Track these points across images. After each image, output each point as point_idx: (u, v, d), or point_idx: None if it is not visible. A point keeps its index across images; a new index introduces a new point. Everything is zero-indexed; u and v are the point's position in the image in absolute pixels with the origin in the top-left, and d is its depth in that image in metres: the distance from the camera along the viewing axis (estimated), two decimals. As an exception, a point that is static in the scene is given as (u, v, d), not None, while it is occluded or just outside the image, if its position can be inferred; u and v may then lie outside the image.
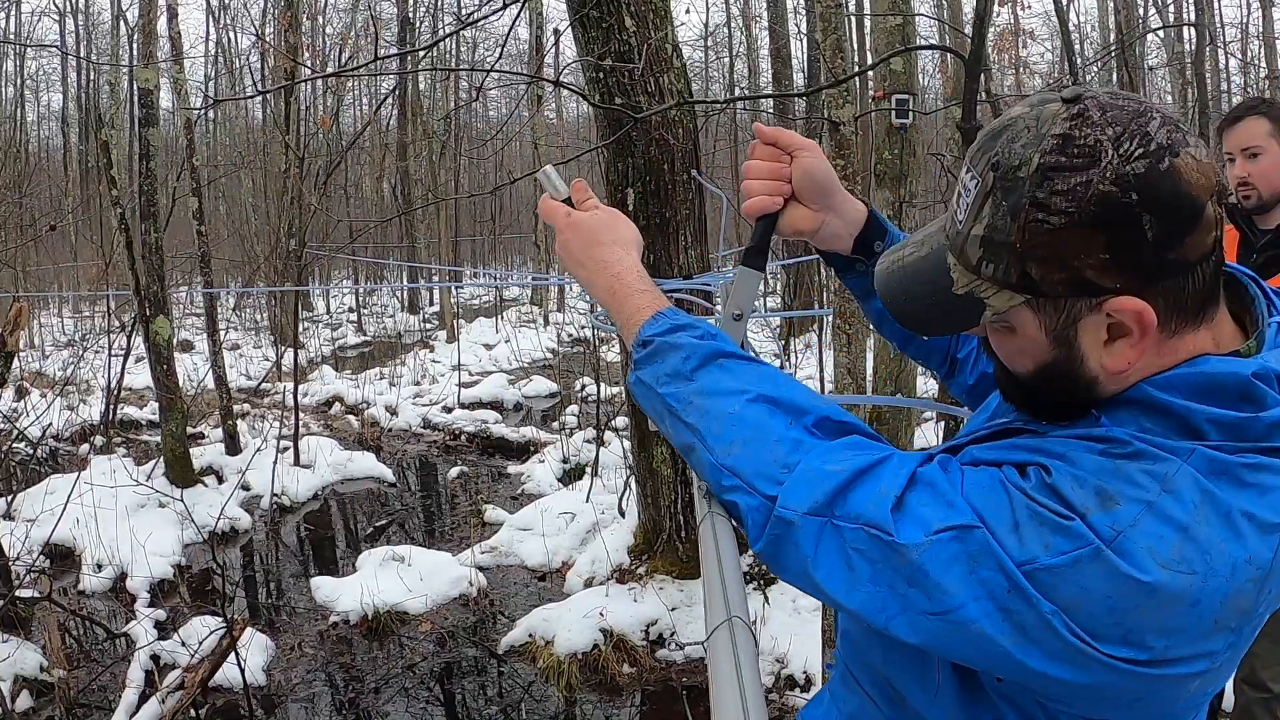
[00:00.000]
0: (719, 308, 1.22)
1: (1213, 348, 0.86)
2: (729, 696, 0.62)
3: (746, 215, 1.15)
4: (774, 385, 0.96)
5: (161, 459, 8.16)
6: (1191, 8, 13.04)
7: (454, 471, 8.97)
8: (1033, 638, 0.76)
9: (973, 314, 0.88)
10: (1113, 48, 12.97)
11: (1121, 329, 0.83)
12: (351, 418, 11.44)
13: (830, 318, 6.06)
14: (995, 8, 10.26)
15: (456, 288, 21.61)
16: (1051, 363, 0.88)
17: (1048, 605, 0.76)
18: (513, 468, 8.95)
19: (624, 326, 1.09)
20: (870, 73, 6.41)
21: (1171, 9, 15.17)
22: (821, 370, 9.40)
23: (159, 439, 8.54)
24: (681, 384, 0.99)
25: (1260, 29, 18.10)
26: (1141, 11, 13.96)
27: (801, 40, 16.77)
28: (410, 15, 21.50)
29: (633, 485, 6.16)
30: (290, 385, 9.92)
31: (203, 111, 16.90)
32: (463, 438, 10.33)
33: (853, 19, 15.59)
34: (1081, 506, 0.77)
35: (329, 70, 14.62)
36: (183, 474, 7.97)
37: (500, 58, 4.57)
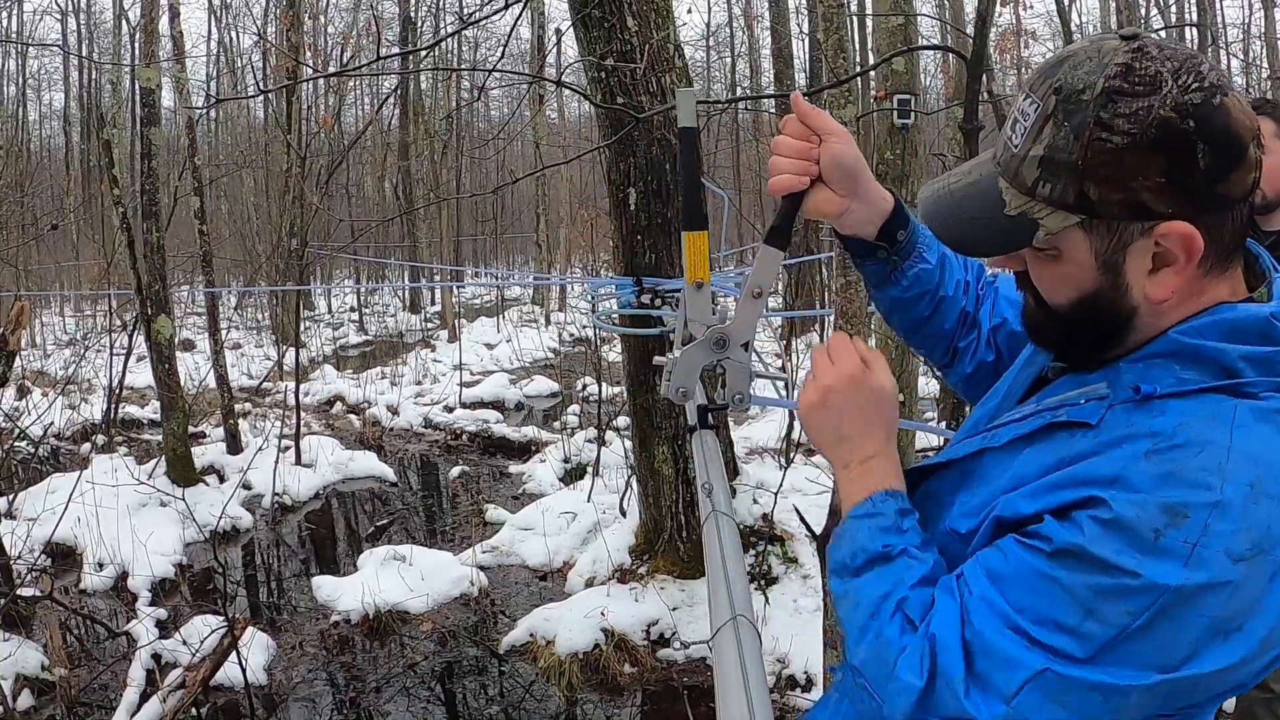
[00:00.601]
0: (721, 305, 1.21)
1: (1230, 297, 0.91)
2: (734, 694, 0.62)
3: (772, 192, 1.15)
4: (911, 579, 0.96)
5: (163, 458, 8.16)
6: (1193, 8, 13.04)
7: (455, 471, 8.97)
8: (1142, 707, 0.81)
9: (1024, 235, 0.92)
10: (1115, 48, 12.95)
11: (1166, 257, 0.87)
12: (353, 417, 11.45)
13: (831, 318, 6.06)
14: (997, 8, 10.26)
15: (458, 287, 21.62)
16: (1095, 291, 0.91)
17: (1139, 677, 0.80)
18: (514, 467, 8.95)
19: (846, 495, 1.08)
20: (872, 73, 6.41)
21: (1173, 9, 15.17)
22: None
23: (160, 438, 8.54)
24: (847, 577, 1.01)
25: (1262, 29, 18.10)
26: (1143, 12, 13.95)
27: (803, 40, 16.75)
28: (412, 15, 21.52)
29: (634, 485, 6.15)
30: (292, 384, 9.92)
31: (205, 111, 16.92)
32: (464, 437, 10.33)
33: (855, 19, 15.58)
34: (1151, 530, 0.79)
35: (331, 70, 14.61)
36: (184, 473, 7.98)
37: (502, 57, 4.57)
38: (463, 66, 21.95)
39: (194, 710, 4.49)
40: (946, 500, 1.03)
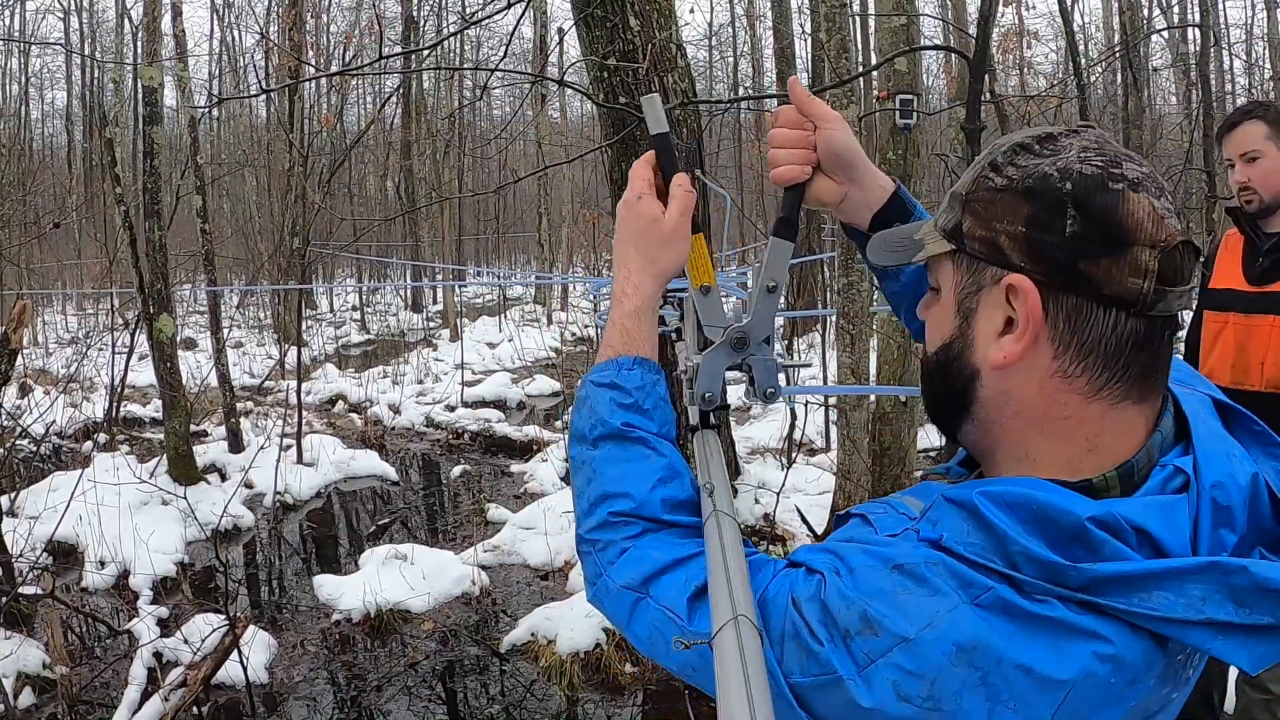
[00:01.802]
0: (752, 288, 1.20)
1: (1127, 440, 0.82)
2: (736, 695, 0.62)
3: (775, 184, 1.15)
4: (644, 486, 1.01)
5: (164, 456, 8.17)
6: (1196, 9, 13.02)
7: (457, 470, 8.97)
8: None
9: (913, 252, 0.93)
10: (1117, 48, 12.96)
11: (1013, 322, 0.82)
12: (354, 416, 11.46)
13: (834, 318, 6.07)
14: (1000, 8, 10.25)
15: (460, 286, 21.63)
16: (951, 339, 0.89)
17: (803, 715, 0.80)
18: (515, 466, 8.96)
19: (602, 346, 1.14)
20: (874, 73, 6.41)
21: (1176, 10, 15.16)
22: (825, 370, 9.40)
23: (162, 437, 8.55)
24: (585, 447, 1.06)
25: (1265, 30, 18.09)
26: (1146, 12, 13.93)
27: (805, 40, 16.77)
28: (414, 14, 21.53)
29: (635, 485, 6.15)
30: (293, 383, 9.93)
31: (207, 110, 16.93)
32: (465, 436, 10.34)
33: (857, 19, 15.58)
34: (844, 627, 0.78)
35: (333, 69, 14.62)
36: (186, 472, 7.98)
37: (505, 56, 4.57)
38: (465, 66, 21.96)
39: (195, 709, 4.50)
40: None
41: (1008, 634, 0.74)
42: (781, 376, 1.19)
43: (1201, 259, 0.81)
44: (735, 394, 1.56)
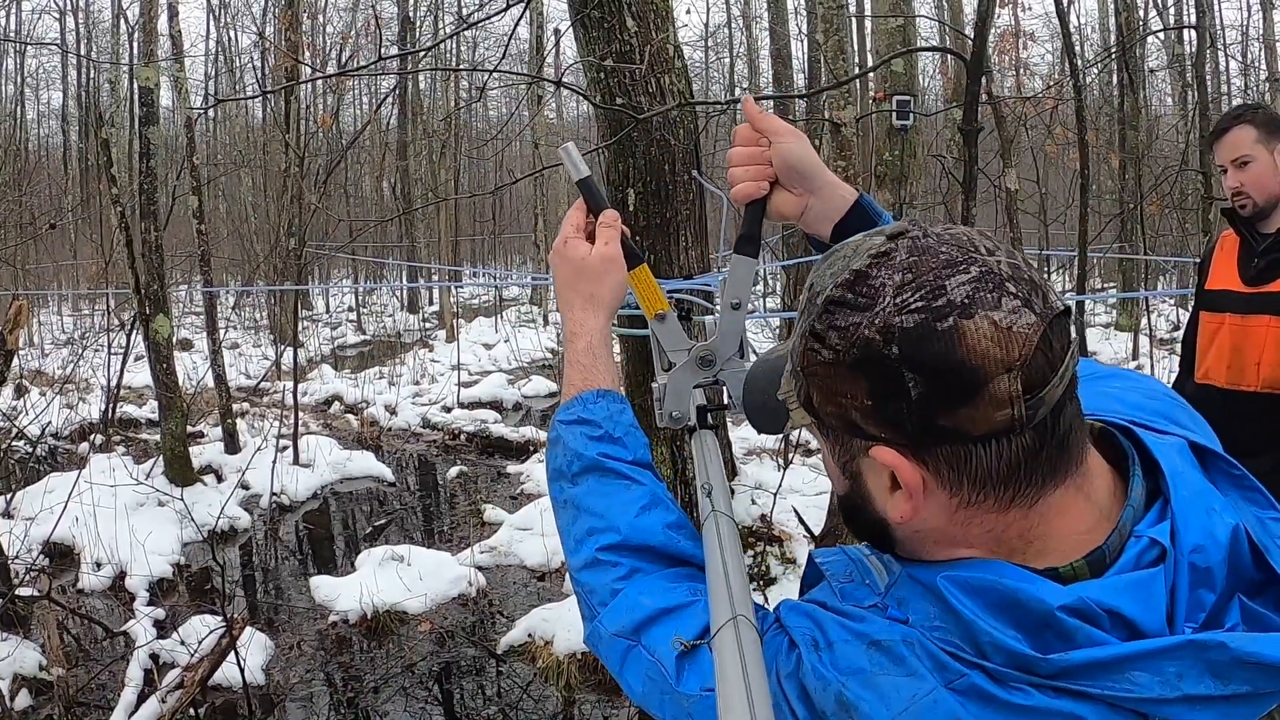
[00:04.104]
0: (719, 304, 1.21)
1: (1062, 518, 0.78)
2: (736, 696, 0.62)
3: (734, 202, 1.16)
4: (626, 516, 1.01)
5: (161, 457, 8.16)
6: (1192, 10, 13.05)
7: (453, 471, 8.97)
8: None
9: (781, 422, 0.88)
10: (1113, 50, 12.98)
11: (898, 481, 0.77)
12: (351, 417, 11.44)
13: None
14: (996, 9, 10.26)
15: (456, 287, 21.62)
16: (847, 494, 0.85)
17: None
18: (512, 467, 8.95)
19: (563, 387, 1.16)
20: (871, 74, 6.42)
21: (1172, 11, 15.18)
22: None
23: (158, 438, 8.54)
24: (565, 484, 1.07)
25: (1261, 32, 18.13)
26: (1142, 14, 13.96)
27: (802, 41, 16.78)
28: (410, 15, 21.51)
29: (632, 485, 6.15)
30: (290, 384, 9.92)
31: (204, 111, 16.92)
32: (462, 437, 10.33)
33: (854, 20, 15.59)
34: (820, 709, 0.76)
35: (330, 70, 14.61)
36: (182, 473, 7.97)
37: (504, 58, 4.57)
38: (462, 67, 21.96)
39: (192, 710, 4.49)
40: None
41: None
42: None
43: (1075, 329, 0.75)
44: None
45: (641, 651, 0.91)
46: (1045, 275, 0.83)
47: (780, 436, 8.15)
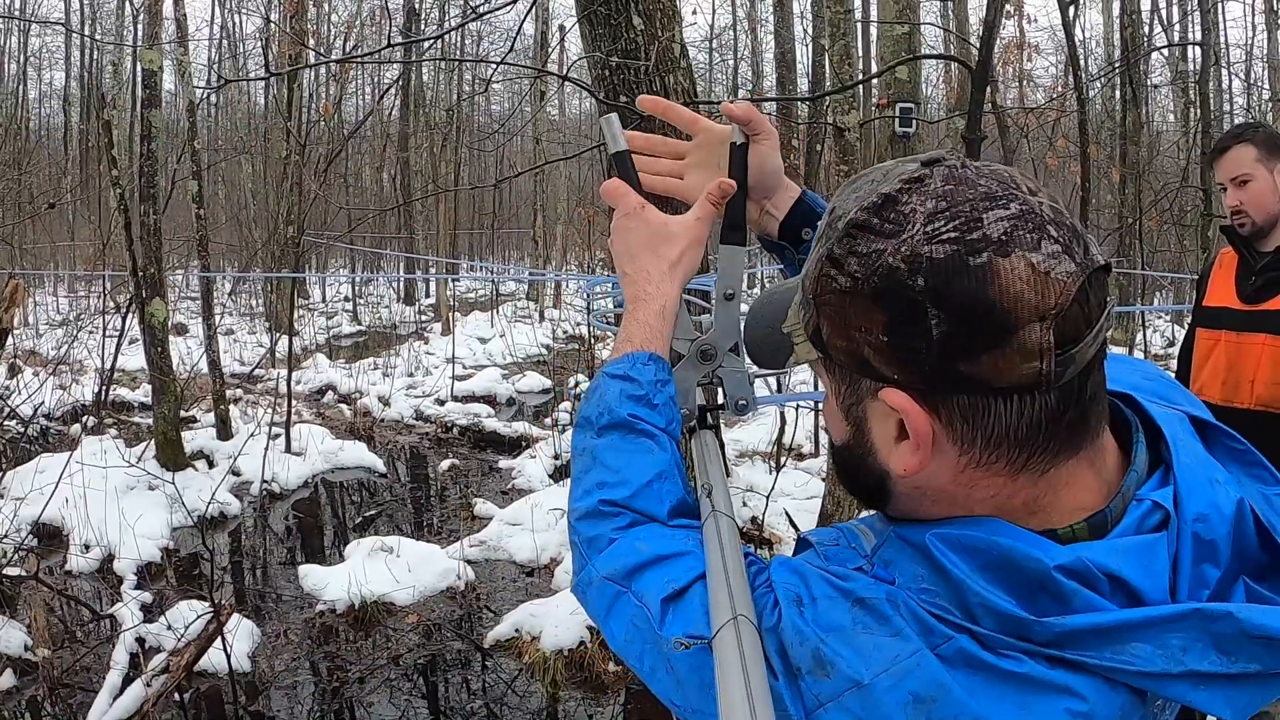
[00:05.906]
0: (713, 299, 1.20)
1: (1070, 491, 0.73)
2: (736, 696, 0.62)
3: (713, 205, 1.15)
4: (641, 478, 0.98)
5: (153, 442, 8.14)
6: (1197, 27, 13.07)
7: (445, 464, 8.96)
8: None
9: (784, 356, 0.84)
10: (1117, 64, 13.00)
11: (905, 429, 0.72)
12: (344, 407, 11.44)
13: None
14: (1002, 19, 10.28)
15: (453, 280, 21.60)
16: (847, 443, 0.80)
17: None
18: (504, 462, 8.95)
19: (618, 341, 1.11)
20: (875, 81, 6.43)
21: (1177, 28, 15.22)
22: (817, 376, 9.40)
23: (151, 421, 8.52)
24: (590, 434, 1.04)
25: (1265, 51, 18.19)
26: (1147, 29, 13.99)
27: (806, 45, 16.78)
28: (416, 6, 21.50)
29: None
30: (284, 372, 9.91)
31: (207, 94, 16.88)
32: (455, 430, 10.33)
33: (859, 26, 15.60)
34: (796, 664, 0.72)
35: (335, 57, 14.58)
36: (174, 457, 7.96)
37: (510, 50, 4.57)
38: (469, 58, 21.95)
39: (177, 695, 4.48)
40: None
41: (971, 688, 0.67)
42: (760, 384, 1.20)
43: (1112, 278, 0.71)
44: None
45: (630, 597, 0.87)
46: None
47: (771, 440, 8.16)
